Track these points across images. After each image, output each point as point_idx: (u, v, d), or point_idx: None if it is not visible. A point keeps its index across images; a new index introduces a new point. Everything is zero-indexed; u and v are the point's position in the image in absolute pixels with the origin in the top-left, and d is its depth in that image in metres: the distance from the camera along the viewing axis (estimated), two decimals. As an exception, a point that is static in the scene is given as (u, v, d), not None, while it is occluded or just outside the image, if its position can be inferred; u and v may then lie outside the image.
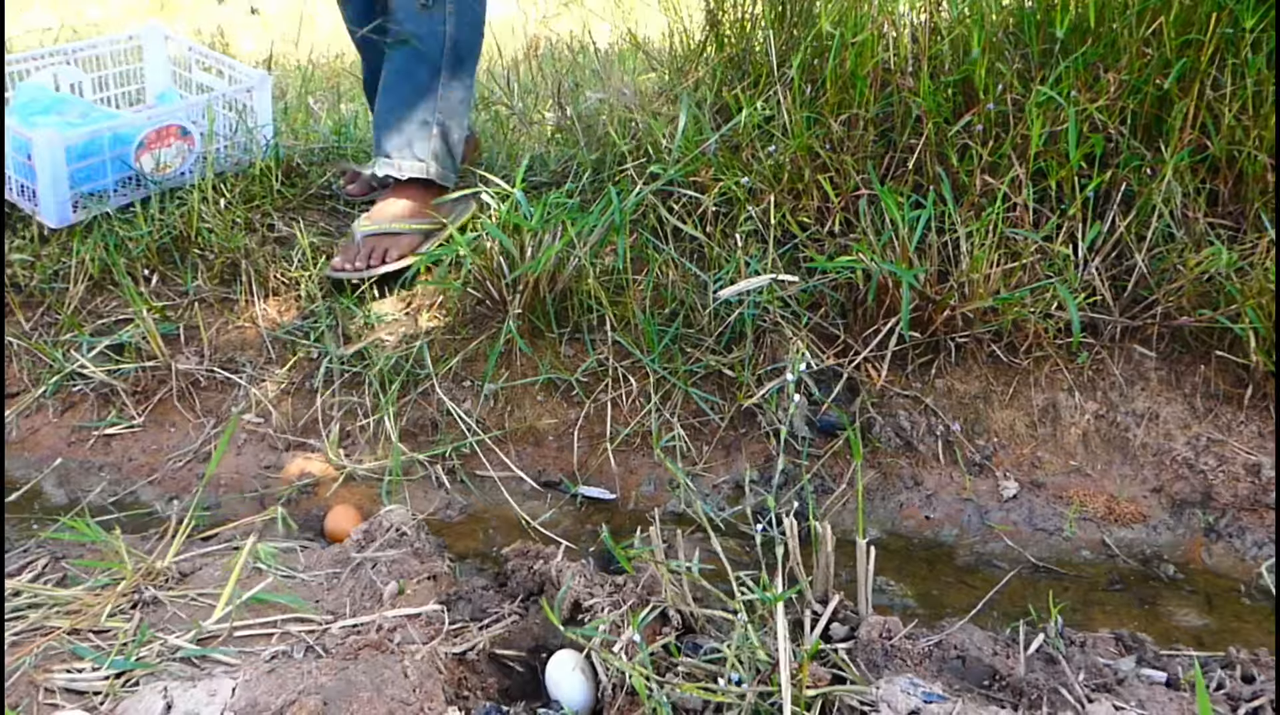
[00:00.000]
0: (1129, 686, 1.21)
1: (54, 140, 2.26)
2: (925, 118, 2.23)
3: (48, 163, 2.27)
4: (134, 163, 2.38)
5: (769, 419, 2.08)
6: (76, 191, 2.36)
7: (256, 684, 1.21)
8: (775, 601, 1.18)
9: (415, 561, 1.54)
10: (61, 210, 2.35)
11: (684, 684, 1.21)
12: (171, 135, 2.41)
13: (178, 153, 2.44)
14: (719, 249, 2.25)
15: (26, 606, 1.47)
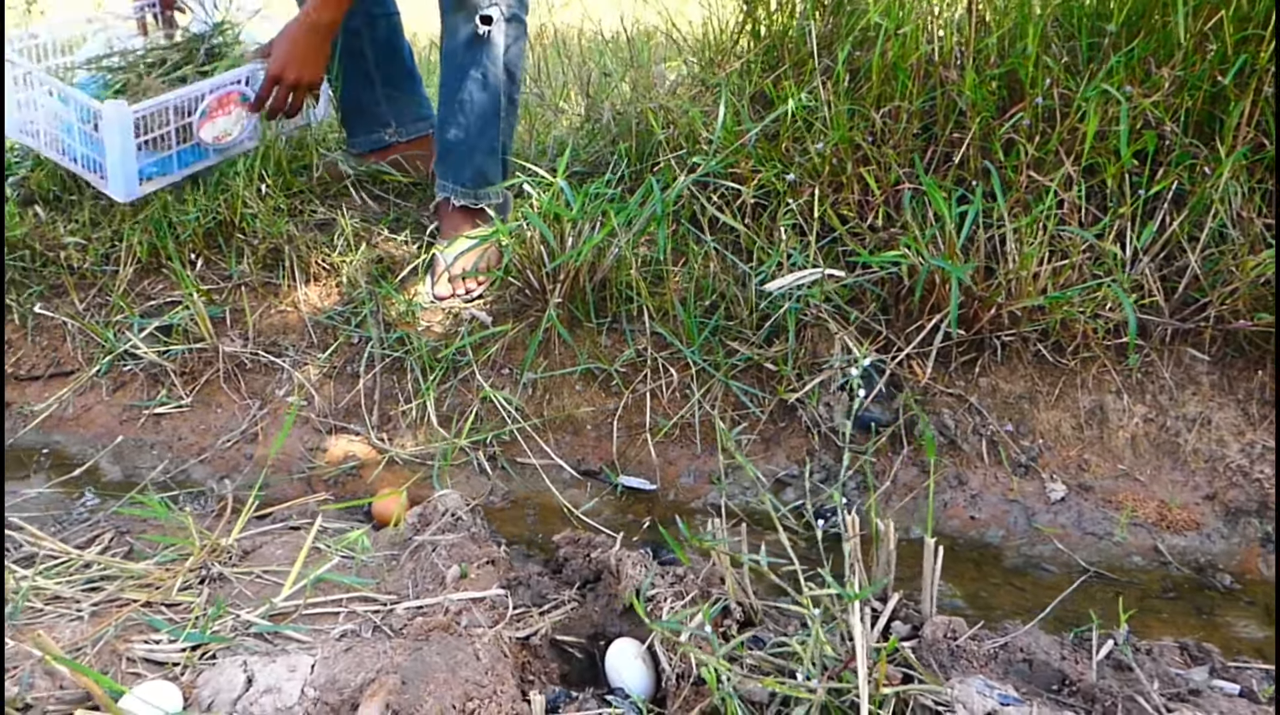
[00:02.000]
0: (1207, 698, 1.23)
1: (123, 112, 2.17)
2: (969, 111, 2.24)
3: (117, 134, 2.19)
4: (197, 132, 2.31)
5: (809, 414, 2.10)
6: (143, 164, 2.29)
7: (335, 661, 1.23)
8: (854, 599, 1.19)
9: (473, 546, 1.56)
10: (129, 184, 2.27)
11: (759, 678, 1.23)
12: (232, 102, 2.33)
13: (236, 120, 2.37)
14: (759, 241, 2.26)
15: (100, 578, 1.49)
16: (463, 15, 2.23)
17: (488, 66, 2.30)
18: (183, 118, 2.28)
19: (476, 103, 2.33)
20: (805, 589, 1.30)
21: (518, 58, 2.39)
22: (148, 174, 2.31)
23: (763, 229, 2.29)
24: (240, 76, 2.34)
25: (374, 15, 2.57)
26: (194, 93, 2.27)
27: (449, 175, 2.42)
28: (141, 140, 2.23)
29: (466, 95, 2.33)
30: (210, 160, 2.43)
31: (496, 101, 2.36)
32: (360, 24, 2.56)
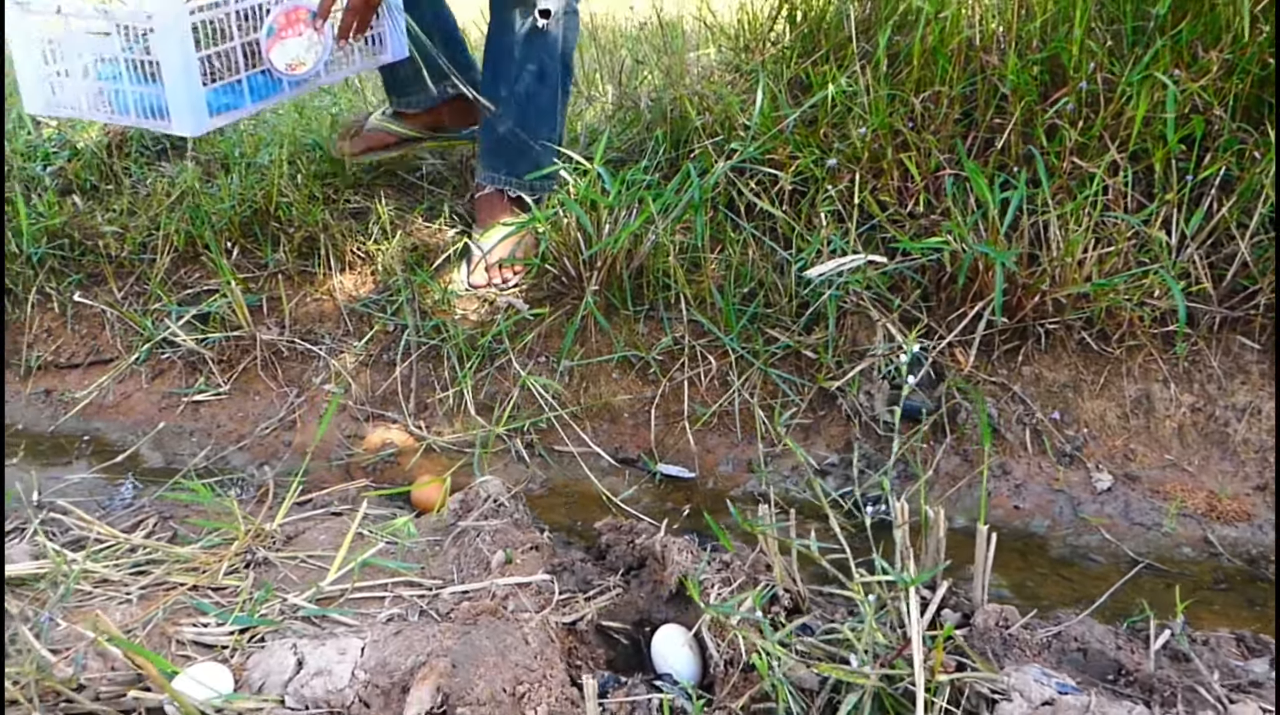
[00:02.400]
0: (1269, 690, 1.20)
1: (179, 14, 1.77)
2: (1011, 97, 2.21)
3: (175, 43, 1.77)
4: (266, 55, 1.93)
5: (849, 402, 2.08)
6: (209, 95, 1.88)
7: (384, 644, 1.22)
8: (909, 585, 1.18)
9: (517, 532, 1.55)
10: (196, 112, 1.84)
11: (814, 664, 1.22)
12: (300, 20, 1.96)
13: (309, 46, 1.99)
14: (798, 228, 2.25)
15: (146, 562, 1.49)
16: (521, 8, 2.17)
17: (545, 60, 2.27)
18: (247, 34, 1.89)
19: (534, 96, 2.29)
20: (856, 575, 1.29)
21: (572, 49, 2.37)
22: (218, 108, 1.90)
23: (802, 216, 2.27)
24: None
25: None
26: (258, 2, 1.89)
27: (502, 167, 2.38)
28: (204, 56, 1.83)
29: (523, 88, 2.29)
30: (285, 94, 2.03)
31: (555, 94, 2.34)
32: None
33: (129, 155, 2.79)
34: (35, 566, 1.44)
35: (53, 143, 2.83)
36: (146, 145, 2.84)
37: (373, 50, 2.13)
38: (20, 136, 2.85)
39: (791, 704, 1.20)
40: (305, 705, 1.17)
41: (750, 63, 2.70)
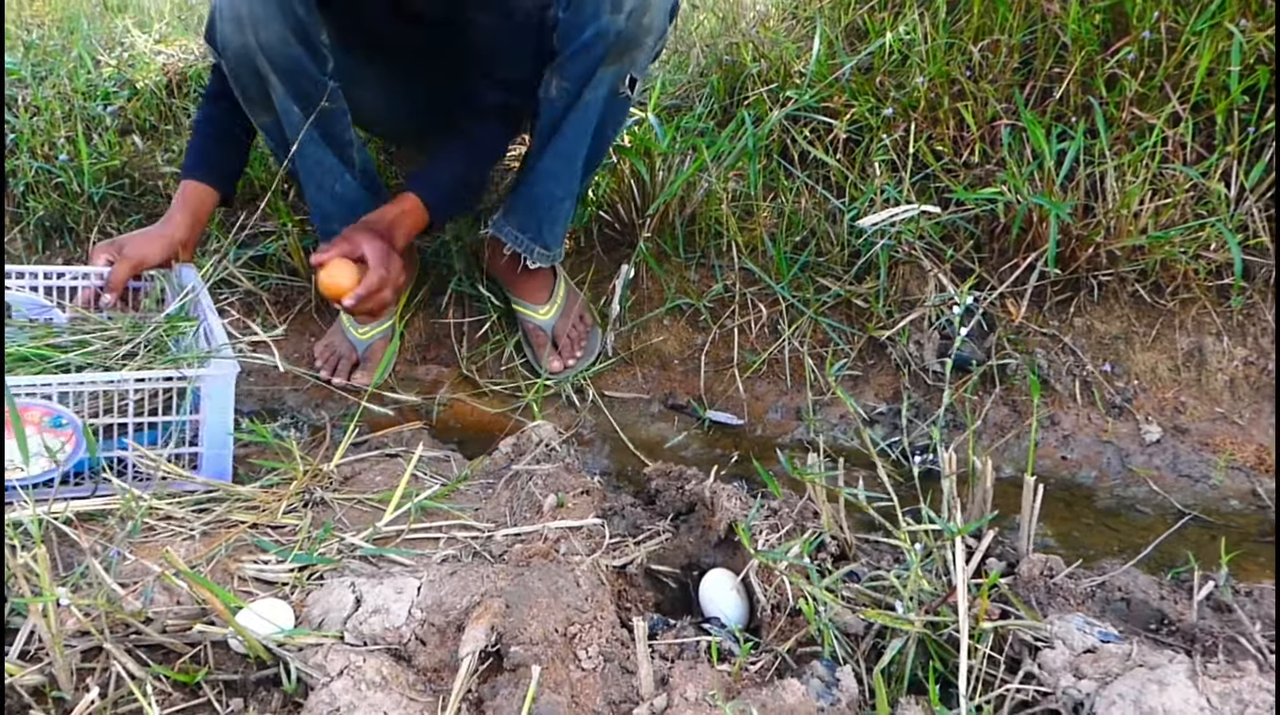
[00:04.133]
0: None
1: None
2: (1072, 46, 2.18)
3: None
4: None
5: (899, 352, 2.09)
6: None
7: (440, 584, 1.26)
8: (956, 535, 1.19)
9: (568, 476, 1.58)
10: None
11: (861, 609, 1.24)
12: (32, 423, 1.51)
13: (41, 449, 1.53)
14: (851, 177, 2.24)
15: (208, 500, 1.53)
16: (613, 69, 1.85)
17: (608, 129, 1.99)
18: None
19: (586, 158, 2.00)
20: (903, 524, 1.30)
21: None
22: None
23: (855, 165, 2.26)
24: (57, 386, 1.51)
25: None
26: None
27: (531, 227, 2.06)
28: None
29: (579, 153, 1.98)
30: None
31: (600, 159, 2.09)
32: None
33: (187, 95, 2.82)
34: (103, 502, 1.49)
35: (113, 82, 2.87)
36: (204, 86, 2.86)
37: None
38: (80, 75, 2.88)
39: (837, 648, 1.23)
40: (363, 641, 1.21)
41: (808, 9, 2.67)
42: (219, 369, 1.58)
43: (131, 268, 1.86)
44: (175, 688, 1.20)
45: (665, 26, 1.88)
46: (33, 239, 2.57)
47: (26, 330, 1.68)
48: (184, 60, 2.95)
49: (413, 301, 2.30)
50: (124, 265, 1.85)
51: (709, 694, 1.14)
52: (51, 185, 2.56)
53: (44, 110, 2.68)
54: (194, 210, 1.95)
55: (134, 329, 1.72)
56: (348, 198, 1.98)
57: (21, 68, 2.96)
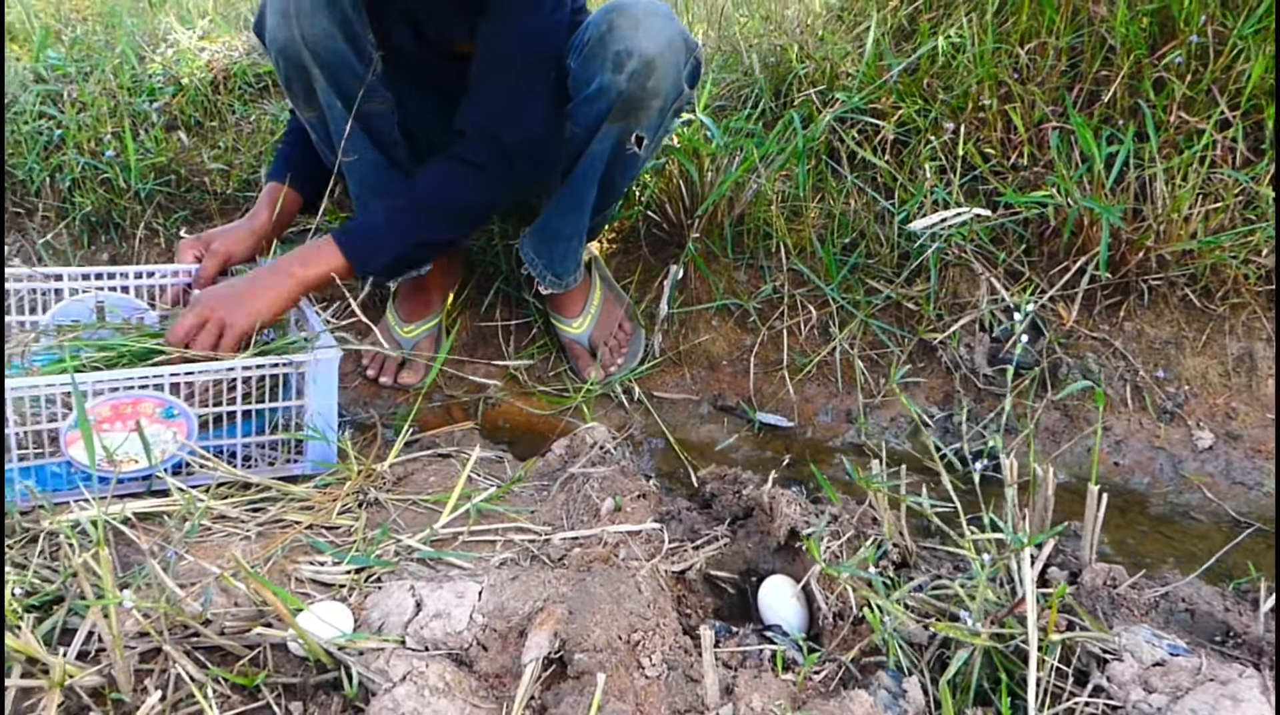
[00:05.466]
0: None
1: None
2: (1119, 48, 2.16)
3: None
4: (64, 447, 1.50)
5: (950, 355, 2.07)
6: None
7: (502, 589, 1.25)
8: (1026, 545, 1.18)
9: (624, 479, 1.57)
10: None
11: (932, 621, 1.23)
12: (143, 415, 1.53)
13: (152, 441, 1.55)
14: (900, 178, 2.22)
15: (261, 500, 1.53)
16: (619, 126, 1.84)
17: (616, 179, 1.98)
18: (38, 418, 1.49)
19: (595, 203, 2.00)
20: (967, 532, 1.29)
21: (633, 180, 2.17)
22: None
23: (904, 166, 2.24)
24: (169, 377, 1.53)
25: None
26: (55, 383, 1.45)
27: (543, 257, 2.09)
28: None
29: (584, 193, 1.97)
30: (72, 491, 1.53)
31: (611, 203, 2.11)
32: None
33: (232, 92, 2.83)
34: (160, 503, 1.49)
35: (158, 78, 2.88)
36: (249, 83, 2.87)
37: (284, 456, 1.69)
38: (125, 71, 2.89)
39: (901, 658, 1.22)
40: (425, 646, 1.21)
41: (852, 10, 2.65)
42: (324, 353, 1.61)
43: (220, 263, 1.88)
44: (234, 690, 1.20)
45: (678, 91, 1.84)
46: (79, 234, 2.58)
47: (125, 331, 1.70)
48: (228, 57, 2.95)
49: (458, 300, 2.30)
50: (213, 261, 1.86)
51: (775, 704, 1.13)
52: (98, 181, 2.57)
53: (90, 106, 2.69)
54: (277, 209, 1.97)
55: None
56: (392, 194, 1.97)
57: (66, 63, 2.97)
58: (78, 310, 1.82)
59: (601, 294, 2.20)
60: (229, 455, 1.61)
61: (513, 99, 1.77)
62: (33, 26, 3.49)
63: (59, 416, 1.47)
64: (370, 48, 1.81)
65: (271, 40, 1.79)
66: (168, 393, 1.53)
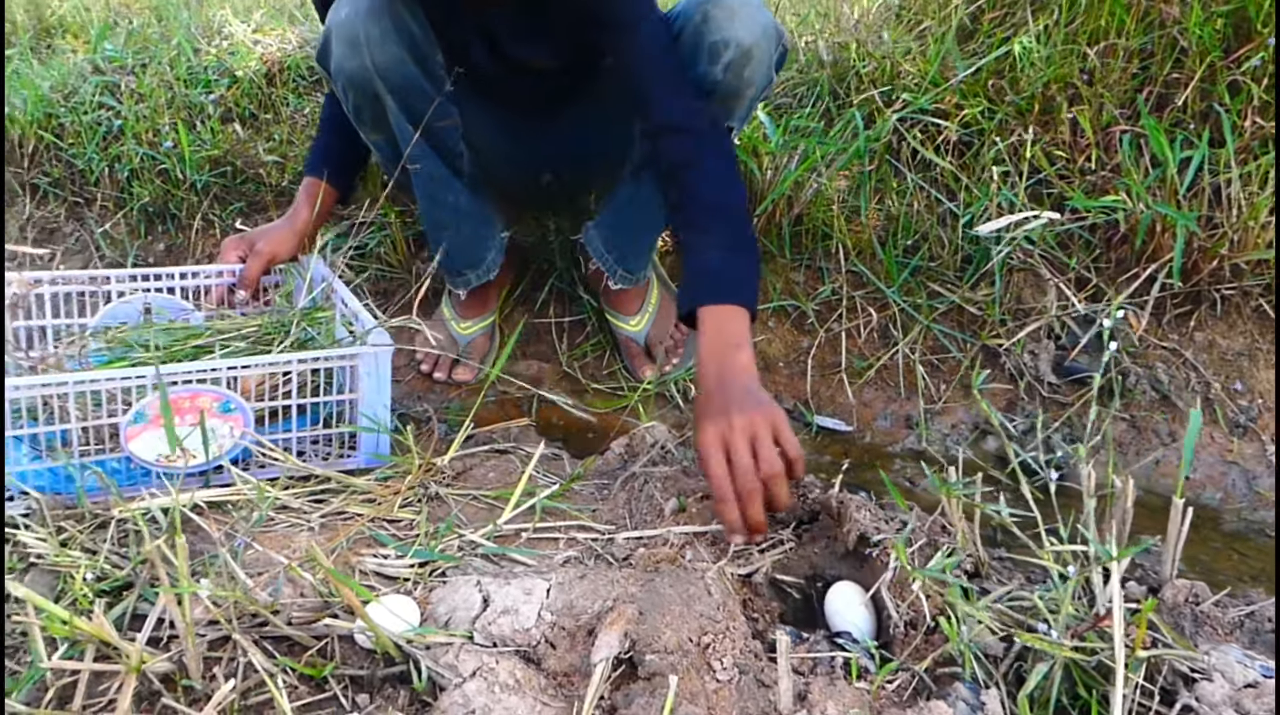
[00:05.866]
0: None
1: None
2: (1192, 51, 2.12)
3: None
4: (125, 443, 1.49)
5: (1013, 362, 2.03)
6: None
7: (570, 587, 1.23)
8: (1115, 559, 1.15)
9: (687, 480, 1.55)
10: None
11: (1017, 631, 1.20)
12: (202, 408, 1.52)
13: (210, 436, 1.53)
14: (965, 180, 2.19)
15: (323, 491, 1.52)
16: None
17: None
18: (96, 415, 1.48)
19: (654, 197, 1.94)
20: (1046, 543, 1.26)
21: None
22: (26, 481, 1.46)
23: (967, 168, 2.21)
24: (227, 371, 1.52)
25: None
26: (115, 378, 1.45)
27: (614, 252, 2.06)
28: (23, 432, 1.46)
29: (648, 189, 1.94)
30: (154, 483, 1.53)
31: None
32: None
33: (286, 84, 2.83)
34: (224, 492, 1.48)
35: (213, 70, 2.88)
36: (303, 75, 2.87)
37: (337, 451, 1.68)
38: (181, 63, 2.90)
39: (977, 670, 1.19)
40: (493, 642, 1.19)
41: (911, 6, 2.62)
42: (376, 346, 1.60)
43: (264, 264, 1.87)
44: (302, 681, 1.19)
45: (769, 80, 1.82)
46: (136, 224, 2.59)
47: (172, 332, 1.70)
48: (281, 50, 2.96)
49: (511, 296, 2.28)
50: (257, 261, 1.86)
51: (850, 712, 1.10)
52: (155, 172, 2.58)
53: (149, 97, 2.70)
54: (317, 207, 1.95)
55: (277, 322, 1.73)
56: (459, 206, 1.97)
57: (123, 55, 2.99)
58: (126, 312, 1.82)
59: (659, 293, 2.18)
60: (284, 450, 1.60)
61: (687, 85, 1.69)
62: (89, 19, 3.52)
63: (119, 412, 1.47)
64: (439, 68, 1.79)
65: (339, 70, 1.78)
66: (225, 387, 1.52)
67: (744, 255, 1.59)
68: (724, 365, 1.46)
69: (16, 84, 2.81)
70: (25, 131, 2.68)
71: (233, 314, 1.83)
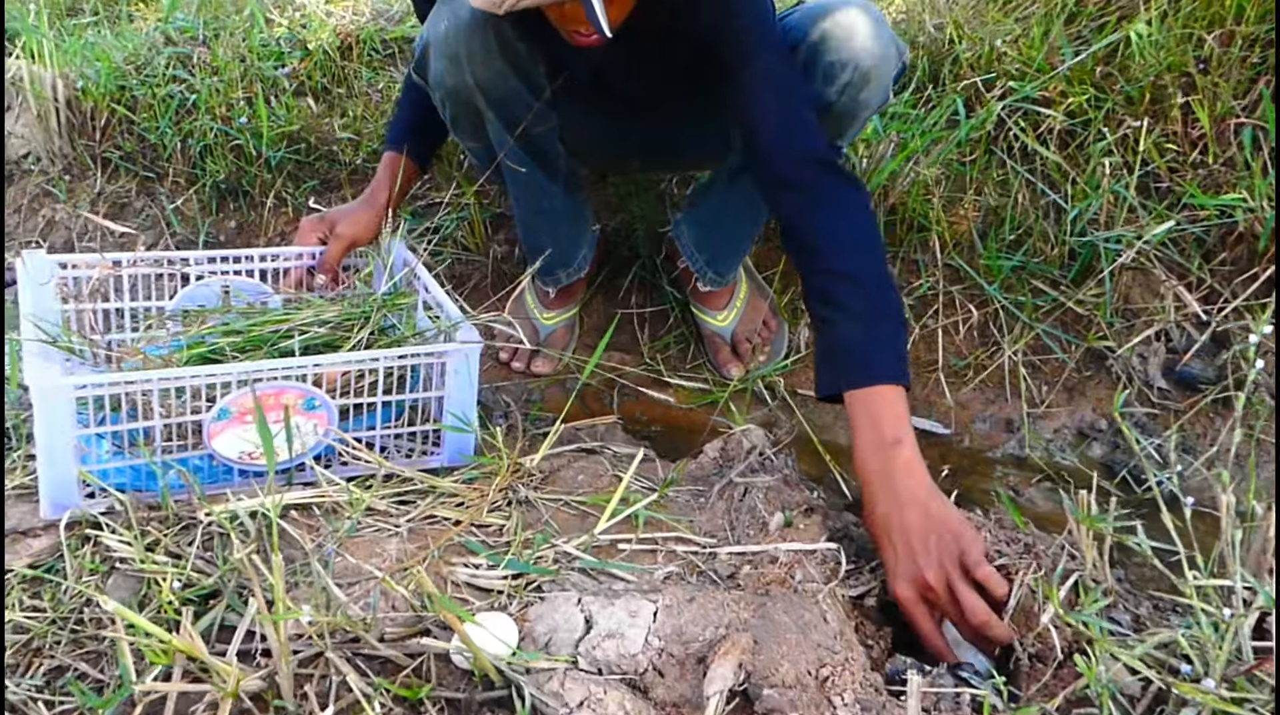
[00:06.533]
0: None
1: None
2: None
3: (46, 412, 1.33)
4: (208, 440, 1.43)
5: (1121, 365, 1.94)
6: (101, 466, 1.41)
7: (679, 611, 1.17)
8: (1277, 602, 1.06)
9: (789, 490, 1.47)
10: (58, 489, 1.37)
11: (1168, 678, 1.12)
12: (286, 406, 1.45)
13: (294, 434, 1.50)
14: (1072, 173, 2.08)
15: (409, 492, 1.47)
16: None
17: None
18: (181, 411, 1.42)
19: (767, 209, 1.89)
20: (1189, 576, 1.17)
21: None
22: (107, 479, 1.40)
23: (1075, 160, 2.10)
24: (313, 368, 1.46)
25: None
26: (200, 374, 1.39)
27: (705, 252, 2.00)
28: (106, 430, 1.40)
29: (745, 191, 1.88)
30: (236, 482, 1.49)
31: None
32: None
33: (360, 58, 2.77)
34: (310, 494, 1.43)
35: (285, 42, 2.82)
36: (376, 49, 2.80)
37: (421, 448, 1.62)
38: (254, 34, 2.84)
39: (1113, 710, 1.11)
40: (598, 669, 1.12)
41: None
42: (466, 342, 1.54)
43: (344, 247, 1.80)
44: (396, 702, 1.13)
45: (885, 99, 1.70)
46: (207, 201, 2.55)
47: (250, 316, 1.63)
48: (354, 22, 2.89)
49: (592, 284, 2.21)
50: (338, 244, 1.79)
51: (984, 758, 1.03)
52: (229, 147, 2.52)
53: (222, 70, 2.64)
54: (398, 185, 1.88)
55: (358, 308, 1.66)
56: (554, 209, 1.91)
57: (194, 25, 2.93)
58: (203, 295, 1.77)
59: (747, 287, 2.10)
60: (366, 446, 1.54)
61: (810, 120, 1.54)
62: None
63: (203, 408, 1.42)
64: (542, 79, 1.71)
65: (438, 84, 1.71)
66: (309, 383, 1.46)
67: (886, 323, 1.42)
68: (890, 473, 1.32)
69: (90, 55, 2.76)
70: (99, 103, 2.63)
71: (311, 298, 1.77)
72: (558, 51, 1.66)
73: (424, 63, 1.71)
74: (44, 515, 1.38)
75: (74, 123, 2.67)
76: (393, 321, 1.71)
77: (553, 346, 2.09)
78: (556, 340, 2.10)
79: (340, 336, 1.61)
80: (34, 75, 2.60)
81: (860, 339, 1.40)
